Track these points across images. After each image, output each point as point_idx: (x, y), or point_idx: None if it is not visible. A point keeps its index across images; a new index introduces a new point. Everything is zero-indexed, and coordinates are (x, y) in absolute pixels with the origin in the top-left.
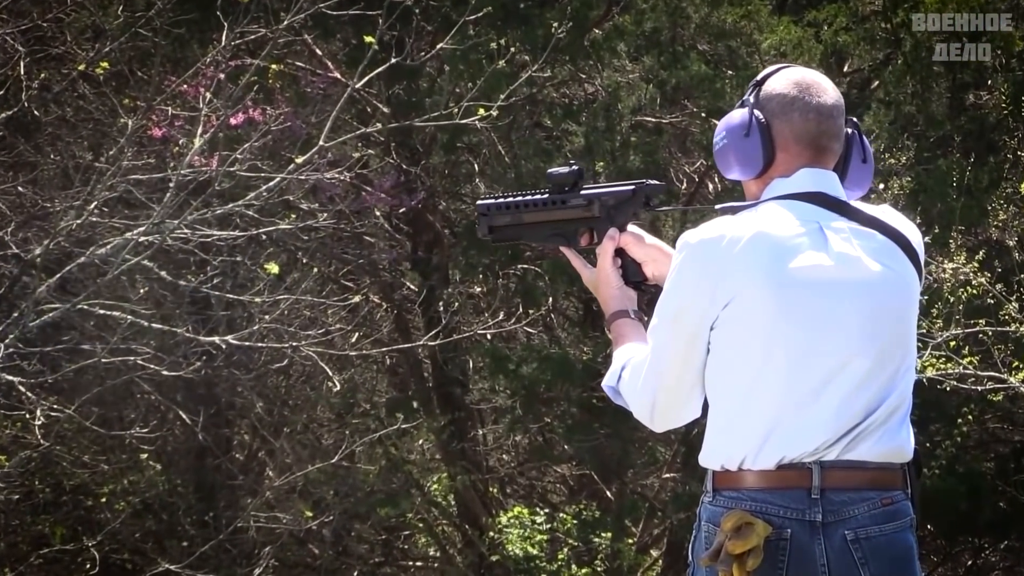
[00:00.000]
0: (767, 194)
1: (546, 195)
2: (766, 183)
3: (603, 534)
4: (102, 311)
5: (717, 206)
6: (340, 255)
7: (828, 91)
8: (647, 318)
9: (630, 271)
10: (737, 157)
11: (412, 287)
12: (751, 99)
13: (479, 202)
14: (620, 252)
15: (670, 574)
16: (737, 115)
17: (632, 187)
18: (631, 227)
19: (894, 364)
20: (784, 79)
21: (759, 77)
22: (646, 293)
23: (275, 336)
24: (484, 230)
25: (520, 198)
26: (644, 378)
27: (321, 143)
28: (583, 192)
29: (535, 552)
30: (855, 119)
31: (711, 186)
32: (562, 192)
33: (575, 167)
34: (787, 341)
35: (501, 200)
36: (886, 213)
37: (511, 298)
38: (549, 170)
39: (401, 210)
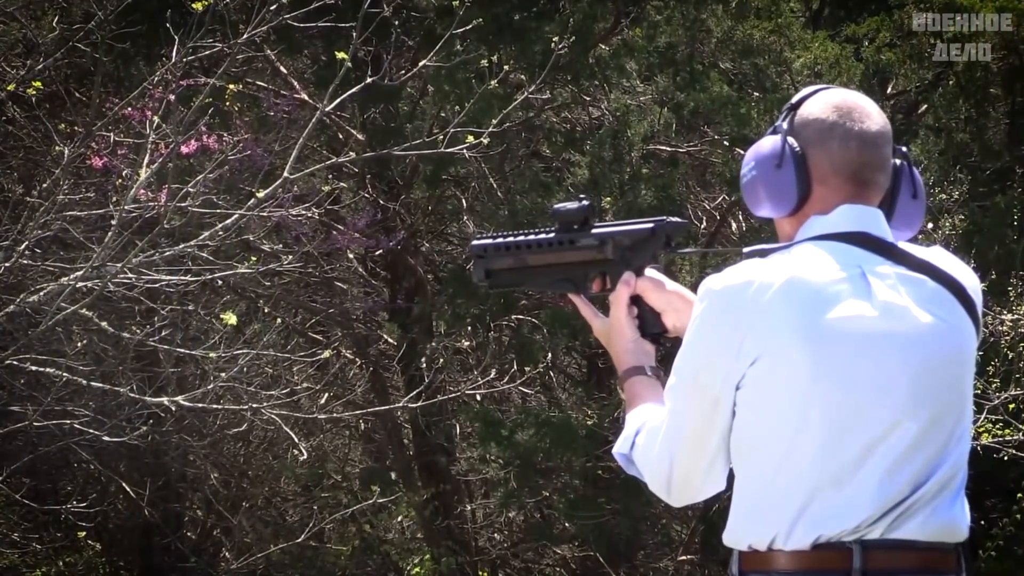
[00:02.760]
0: (802, 234)
1: (552, 234)
2: (801, 221)
3: None
4: (34, 367)
5: (745, 249)
6: (307, 304)
7: (872, 116)
8: (666, 375)
9: (647, 321)
10: (768, 191)
11: (390, 341)
12: (784, 125)
13: (474, 242)
14: (636, 300)
15: None
16: (768, 143)
17: (650, 225)
18: (649, 271)
19: (946, 430)
20: (822, 102)
21: (794, 100)
22: (665, 346)
23: (232, 397)
24: (480, 274)
25: (523, 238)
26: (660, 445)
27: (286, 175)
28: (594, 231)
29: None
30: (904, 148)
31: (734, 225)
32: (570, 231)
33: (585, 202)
34: (824, 404)
35: (500, 240)
36: (938, 256)
37: (504, 354)
38: (555, 205)
39: (378, 252)
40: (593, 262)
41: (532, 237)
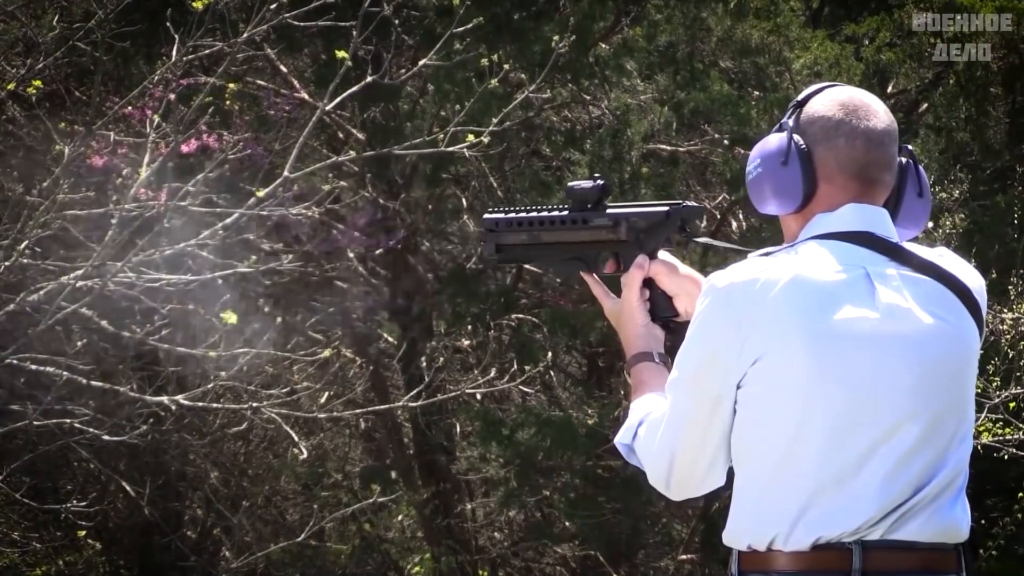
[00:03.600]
0: (807, 232)
1: (566, 212)
2: (807, 219)
3: None
4: (34, 366)
5: (754, 253)
6: (308, 303)
7: (879, 114)
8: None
9: (659, 306)
10: (773, 188)
11: (390, 340)
12: (790, 122)
13: (486, 216)
14: (649, 283)
15: None
16: (774, 140)
17: (666, 208)
18: (662, 254)
19: (948, 431)
20: (828, 100)
21: (800, 97)
22: (676, 332)
23: (233, 396)
24: (491, 248)
25: (536, 213)
26: (661, 439)
27: (286, 174)
28: (609, 211)
29: None
30: (910, 147)
31: (735, 224)
32: (584, 209)
33: (600, 181)
34: (826, 404)
35: (513, 215)
36: (943, 257)
37: (504, 353)
38: (570, 183)
39: (378, 251)
40: (606, 242)
41: (545, 214)
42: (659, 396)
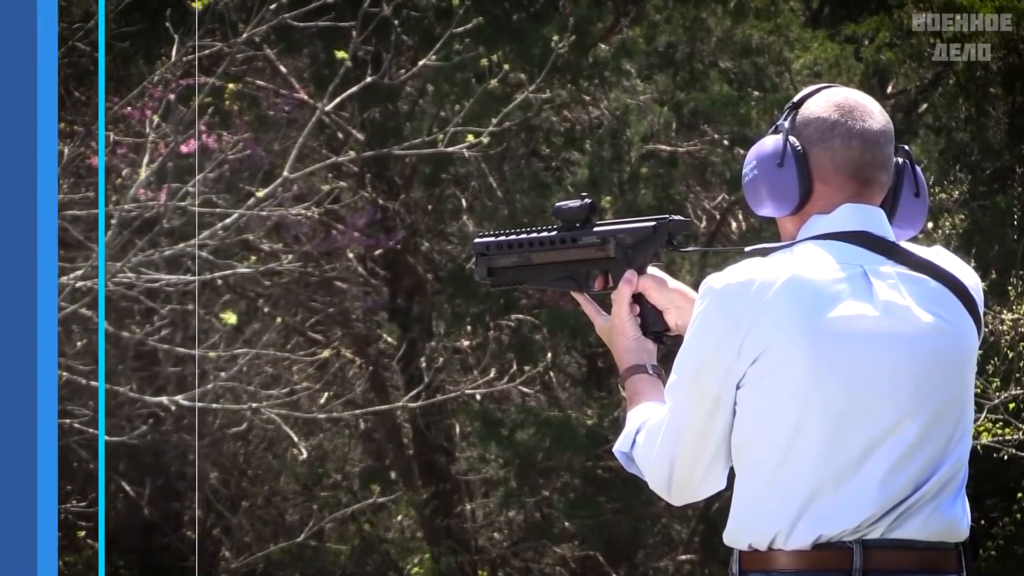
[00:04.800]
0: (804, 233)
1: (554, 232)
2: (803, 221)
3: None
4: None
5: (747, 248)
6: (307, 303)
7: (874, 114)
8: (667, 374)
9: (649, 320)
10: (769, 190)
11: (390, 340)
12: (786, 124)
13: (476, 240)
14: (638, 298)
15: None
16: (770, 142)
17: (653, 223)
18: (651, 269)
19: (948, 429)
20: (824, 101)
21: (796, 98)
22: (667, 345)
23: (232, 396)
24: (483, 272)
25: (525, 235)
26: (660, 444)
27: (285, 174)
28: (596, 229)
29: None
30: (907, 147)
31: (734, 224)
32: (572, 229)
33: (587, 200)
34: (825, 403)
35: (503, 238)
36: (939, 255)
37: (504, 353)
38: (557, 203)
39: (377, 251)
40: (595, 260)
41: (535, 235)
42: (655, 404)
